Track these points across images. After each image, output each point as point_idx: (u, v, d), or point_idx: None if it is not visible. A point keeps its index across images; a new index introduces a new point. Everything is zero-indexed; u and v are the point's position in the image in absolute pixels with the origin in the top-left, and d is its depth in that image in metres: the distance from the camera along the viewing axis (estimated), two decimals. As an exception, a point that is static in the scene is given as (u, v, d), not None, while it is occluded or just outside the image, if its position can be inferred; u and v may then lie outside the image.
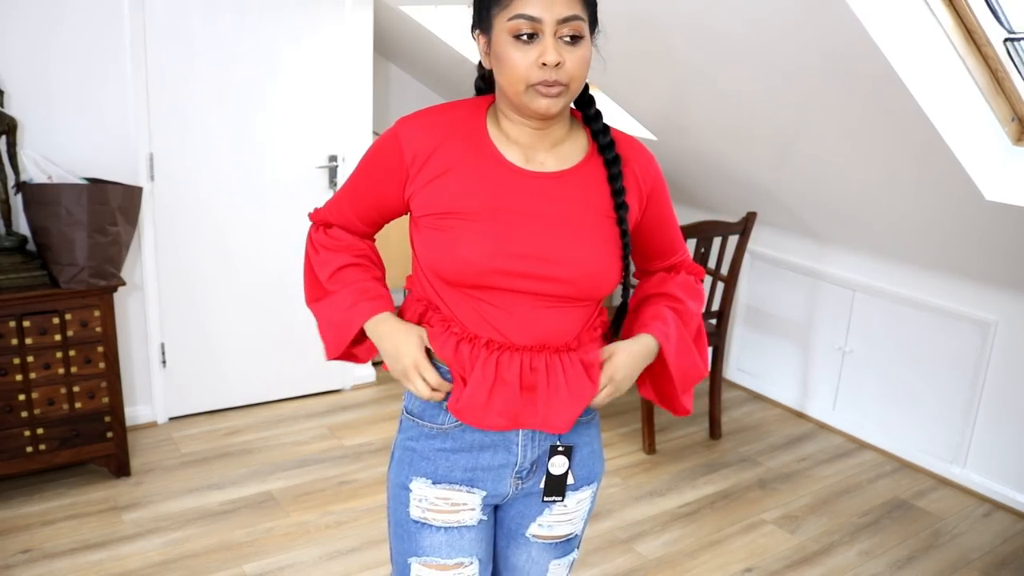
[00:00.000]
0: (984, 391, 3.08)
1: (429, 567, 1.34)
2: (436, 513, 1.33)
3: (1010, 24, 2.29)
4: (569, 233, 1.23)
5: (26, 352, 2.66)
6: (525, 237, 1.21)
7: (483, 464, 1.31)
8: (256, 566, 2.50)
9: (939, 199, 2.74)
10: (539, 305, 1.24)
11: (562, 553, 1.44)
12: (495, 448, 1.31)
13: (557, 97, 1.17)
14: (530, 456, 1.32)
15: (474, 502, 1.33)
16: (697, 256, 3.21)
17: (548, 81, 1.15)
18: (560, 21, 1.14)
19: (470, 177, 1.22)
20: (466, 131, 1.25)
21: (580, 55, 1.17)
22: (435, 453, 1.32)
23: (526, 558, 1.44)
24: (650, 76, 3.13)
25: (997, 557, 2.74)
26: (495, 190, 1.22)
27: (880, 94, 2.39)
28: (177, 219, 3.20)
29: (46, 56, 2.82)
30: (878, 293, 3.38)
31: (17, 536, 2.58)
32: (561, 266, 1.22)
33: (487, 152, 1.24)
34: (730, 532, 2.80)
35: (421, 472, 1.32)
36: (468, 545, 1.35)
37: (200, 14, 3.07)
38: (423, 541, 1.34)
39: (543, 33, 1.14)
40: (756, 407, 3.83)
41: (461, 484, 1.32)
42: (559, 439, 1.32)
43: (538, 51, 1.14)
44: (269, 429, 3.36)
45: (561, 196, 1.24)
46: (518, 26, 1.14)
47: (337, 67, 3.39)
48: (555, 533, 1.41)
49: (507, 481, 1.33)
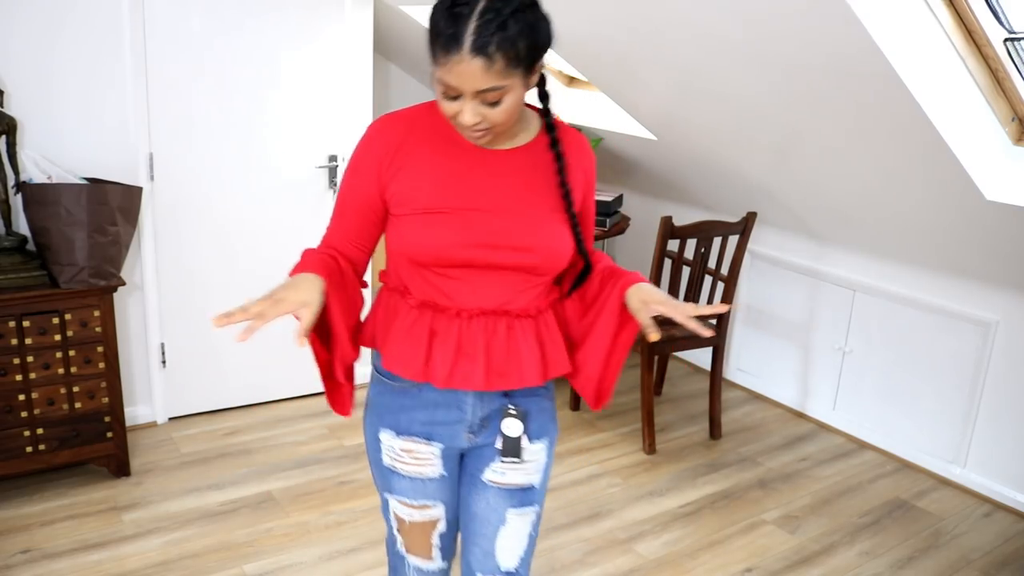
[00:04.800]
0: (984, 391, 3.08)
1: (401, 504, 1.55)
2: (402, 464, 1.51)
3: (1010, 24, 2.29)
4: (525, 213, 1.38)
5: (26, 352, 2.66)
6: (487, 221, 1.35)
7: (438, 419, 1.47)
8: (256, 566, 2.50)
9: (939, 199, 2.74)
10: (499, 279, 1.39)
11: (519, 503, 1.54)
12: (448, 406, 1.46)
13: (484, 137, 1.32)
14: (480, 414, 1.47)
15: (433, 454, 1.49)
16: (697, 256, 3.21)
17: (471, 131, 1.30)
18: (476, 93, 1.24)
19: (435, 164, 1.37)
20: (429, 122, 1.39)
21: (502, 110, 1.27)
22: (399, 408, 1.48)
23: (485, 505, 1.54)
24: (650, 77, 3.13)
25: (997, 557, 2.74)
26: (458, 172, 1.36)
27: (880, 94, 2.39)
28: (177, 219, 3.20)
29: (46, 56, 2.82)
30: (878, 293, 3.38)
31: (17, 536, 2.58)
32: (520, 248, 1.37)
33: (449, 137, 1.38)
34: (730, 532, 2.80)
35: (388, 424, 1.50)
36: (432, 492, 1.52)
37: (200, 14, 3.06)
38: (394, 483, 1.53)
39: (463, 97, 1.25)
40: (756, 407, 3.83)
41: (420, 437, 1.48)
42: (510, 403, 1.46)
43: (458, 108, 1.27)
44: (269, 429, 3.36)
45: (514, 170, 1.39)
46: (443, 88, 1.26)
47: (337, 67, 3.39)
48: (509, 480, 1.52)
49: (461, 436, 1.49)
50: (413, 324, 1.40)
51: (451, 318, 1.38)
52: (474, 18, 1.19)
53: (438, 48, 1.23)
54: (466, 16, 1.20)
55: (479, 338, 1.39)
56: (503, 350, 1.40)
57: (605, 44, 3.10)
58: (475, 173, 1.37)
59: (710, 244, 3.21)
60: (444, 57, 1.22)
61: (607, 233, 3.72)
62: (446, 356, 1.38)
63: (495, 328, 1.39)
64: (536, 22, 1.25)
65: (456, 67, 1.21)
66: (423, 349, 1.39)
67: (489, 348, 1.39)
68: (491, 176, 1.37)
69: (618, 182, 4.49)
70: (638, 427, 3.51)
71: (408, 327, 1.40)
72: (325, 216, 3.45)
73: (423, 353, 1.39)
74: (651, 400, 3.31)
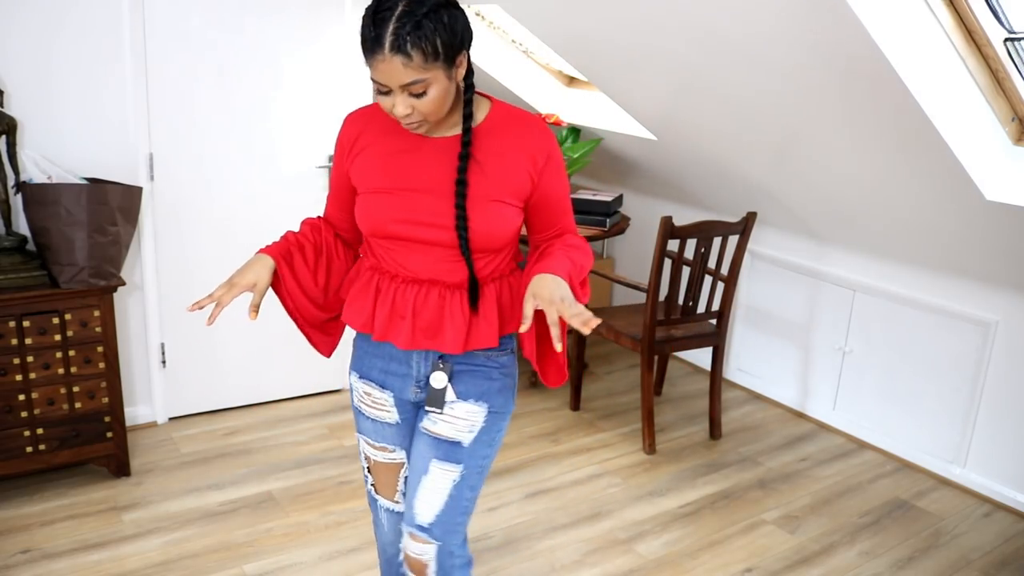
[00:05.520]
0: (984, 391, 3.08)
1: (366, 443, 1.77)
2: (365, 407, 1.73)
3: (1010, 24, 2.29)
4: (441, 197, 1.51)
5: (26, 352, 2.66)
6: (419, 200, 1.52)
7: (392, 371, 1.67)
8: (256, 566, 2.50)
9: (939, 199, 2.74)
10: (428, 253, 1.55)
11: (444, 456, 1.64)
12: (399, 360, 1.66)
13: (419, 126, 1.47)
14: (424, 371, 1.65)
15: (387, 401, 1.70)
16: (697, 256, 3.21)
17: (406, 121, 1.45)
18: (403, 87, 1.39)
19: (384, 151, 1.56)
20: (384, 116, 1.57)
21: (429, 99, 1.41)
22: (365, 354, 1.70)
23: (416, 453, 1.69)
24: (650, 77, 3.13)
25: (997, 557, 2.74)
26: (401, 158, 1.54)
27: (880, 94, 2.39)
28: (177, 219, 3.20)
29: (46, 56, 2.82)
30: (878, 293, 3.38)
31: (17, 536, 2.58)
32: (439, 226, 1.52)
33: (397, 128, 1.54)
34: (730, 532, 2.80)
35: (355, 368, 1.73)
36: (390, 436, 1.73)
37: (200, 15, 3.06)
38: (361, 424, 1.76)
39: (393, 92, 1.41)
40: (756, 407, 3.83)
41: (375, 383, 1.69)
42: (440, 360, 1.62)
43: (391, 102, 1.42)
44: (269, 429, 3.36)
45: (451, 156, 1.52)
46: (376, 85, 1.42)
47: (337, 67, 3.39)
48: (438, 430, 1.65)
49: (409, 389, 1.67)
50: (366, 284, 1.63)
51: (390, 280, 1.59)
52: (392, 20, 1.34)
53: (366, 50, 1.38)
54: (387, 19, 1.34)
55: (409, 301, 1.57)
56: (431, 316, 1.57)
57: (605, 44, 3.10)
58: (415, 158, 1.54)
59: (710, 244, 3.21)
60: (371, 57, 1.38)
61: (607, 233, 3.72)
62: (383, 313, 1.59)
63: (426, 295, 1.57)
64: (452, 21, 1.38)
65: (380, 65, 1.37)
66: (369, 305, 1.61)
67: (416, 312, 1.57)
68: (429, 161, 1.53)
69: (618, 182, 4.49)
70: (638, 427, 3.51)
71: (362, 286, 1.63)
72: (325, 216, 3.49)
73: (369, 309, 1.61)
74: (651, 400, 3.31)
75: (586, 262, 1.58)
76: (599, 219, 3.72)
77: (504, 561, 2.56)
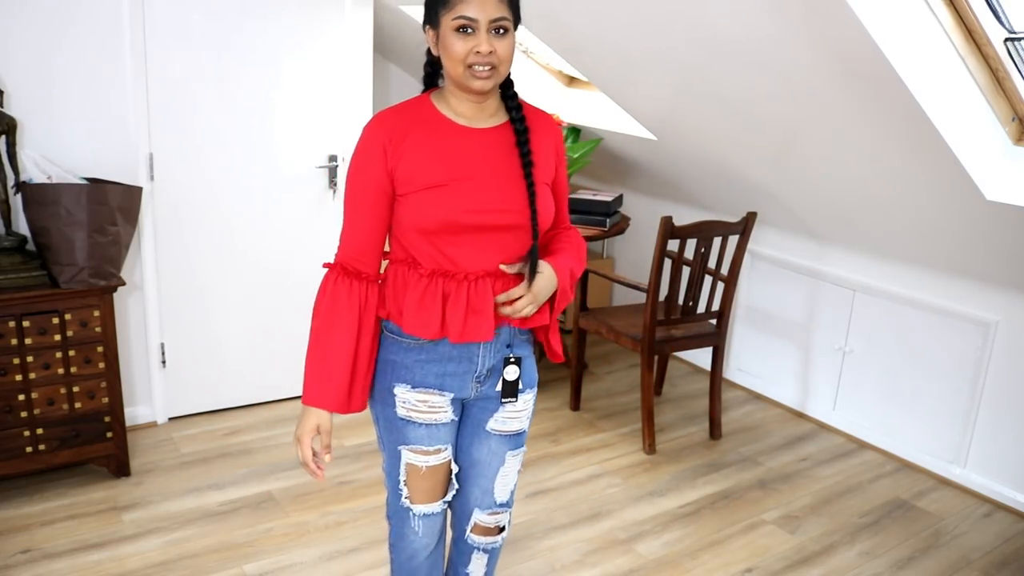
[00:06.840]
0: (985, 391, 3.08)
1: (416, 452, 1.72)
2: (418, 414, 1.69)
3: (1010, 24, 2.29)
4: (506, 181, 1.59)
5: (26, 352, 2.66)
6: (477, 189, 1.57)
7: (450, 371, 1.67)
8: (256, 566, 2.50)
9: (939, 199, 2.74)
10: (495, 241, 1.60)
11: (515, 446, 1.80)
12: (459, 359, 1.67)
13: (488, 79, 1.54)
14: (487, 364, 1.69)
15: (445, 403, 1.70)
16: (697, 256, 3.21)
17: (482, 62, 1.52)
18: (491, 21, 1.50)
19: (429, 145, 1.58)
20: (418, 112, 1.61)
21: (507, 43, 1.54)
22: (413, 363, 1.67)
23: (487, 451, 1.78)
24: (650, 76, 3.13)
25: (997, 557, 2.74)
26: (449, 150, 1.58)
27: (880, 94, 2.39)
28: (177, 219, 3.20)
29: (47, 56, 2.82)
30: (878, 293, 3.38)
31: (17, 536, 2.58)
32: (505, 210, 1.59)
33: (437, 122, 1.60)
34: (730, 532, 2.80)
35: (401, 379, 1.68)
36: (443, 435, 1.72)
37: (200, 14, 3.06)
38: (409, 434, 1.71)
39: (478, 29, 1.50)
40: (756, 407, 3.83)
41: (433, 388, 1.68)
42: (511, 352, 1.69)
43: (475, 42, 1.51)
44: (269, 429, 3.36)
45: (494, 145, 1.61)
46: (460, 23, 1.50)
47: (337, 67, 3.39)
48: (508, 428, 1.77)
49: (469, 385, 1.70)
50: (426, 290, 1.61)
51: (460, 282, 1.60)
52: None
53: None
54: None
55: (487, 296, 1.60)
56: None
57: (605, 44, 3.10)
58: (463, 149, 1.59)
59: (710, 244, 3.21)
60: None
61: (607, 233, 3.72)
62: (458, 315, 1.60)
63: (494, 287, 1.62)
64: None
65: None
66: (438, 311, 1.60)
67: (494, 304, 1.62)
68: (476, 151, 1.59)
69: (618, 182, 4.49)
70: (638, 427, 3.51)
71: (421, 294, 1.61)
72: (325, 216, 3.50)
73: (438, 314, 1.61)
74: (651, 400, 3.31)
75: (580, 270, 1.74)
76: (599, 219, 3.72)
77: (504, 561, 2.56)
